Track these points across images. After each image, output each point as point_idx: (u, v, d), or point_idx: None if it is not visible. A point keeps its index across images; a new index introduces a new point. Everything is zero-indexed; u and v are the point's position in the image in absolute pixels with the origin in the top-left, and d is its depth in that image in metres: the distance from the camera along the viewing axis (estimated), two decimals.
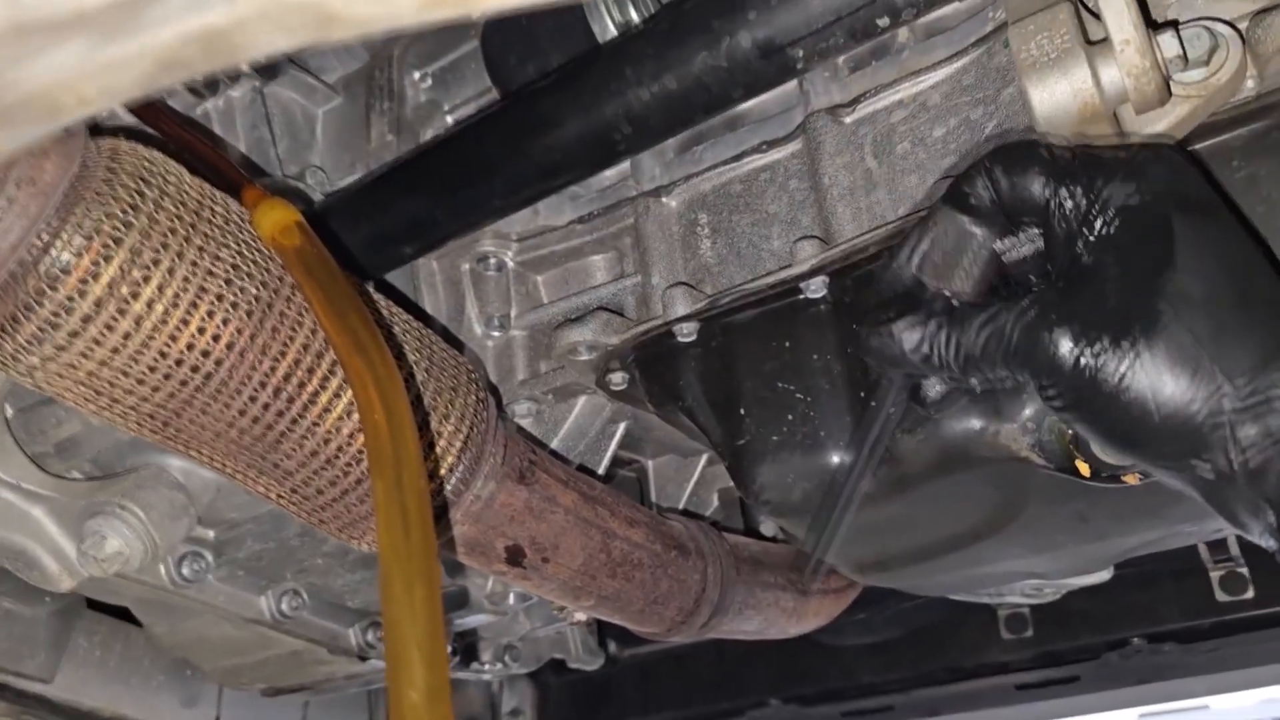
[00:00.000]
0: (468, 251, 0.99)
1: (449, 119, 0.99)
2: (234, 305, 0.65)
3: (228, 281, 0.65)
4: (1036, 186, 0.58)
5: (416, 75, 1.00)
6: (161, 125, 0.74)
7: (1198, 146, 0.68)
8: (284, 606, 1.06)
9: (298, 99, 1.00)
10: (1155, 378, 0.54)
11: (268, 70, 0.97)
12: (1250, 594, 1.33)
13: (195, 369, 0.65)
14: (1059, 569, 1.03)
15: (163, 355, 0.64)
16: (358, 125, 1.02)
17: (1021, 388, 0.63)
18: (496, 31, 0.93)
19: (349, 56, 1.03)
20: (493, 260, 0.99)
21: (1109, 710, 1.56)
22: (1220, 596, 1.33)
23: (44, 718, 1.28)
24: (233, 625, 1.10)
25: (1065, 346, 0.56)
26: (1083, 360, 0.55)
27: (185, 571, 0.97)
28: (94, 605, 1.32)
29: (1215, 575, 1.33)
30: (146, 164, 0.65)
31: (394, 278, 1.00)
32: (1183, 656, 1.33)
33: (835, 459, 0.83)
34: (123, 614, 1.29)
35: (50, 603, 1.19)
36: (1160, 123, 0.61)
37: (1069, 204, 0.57)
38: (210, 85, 0.93)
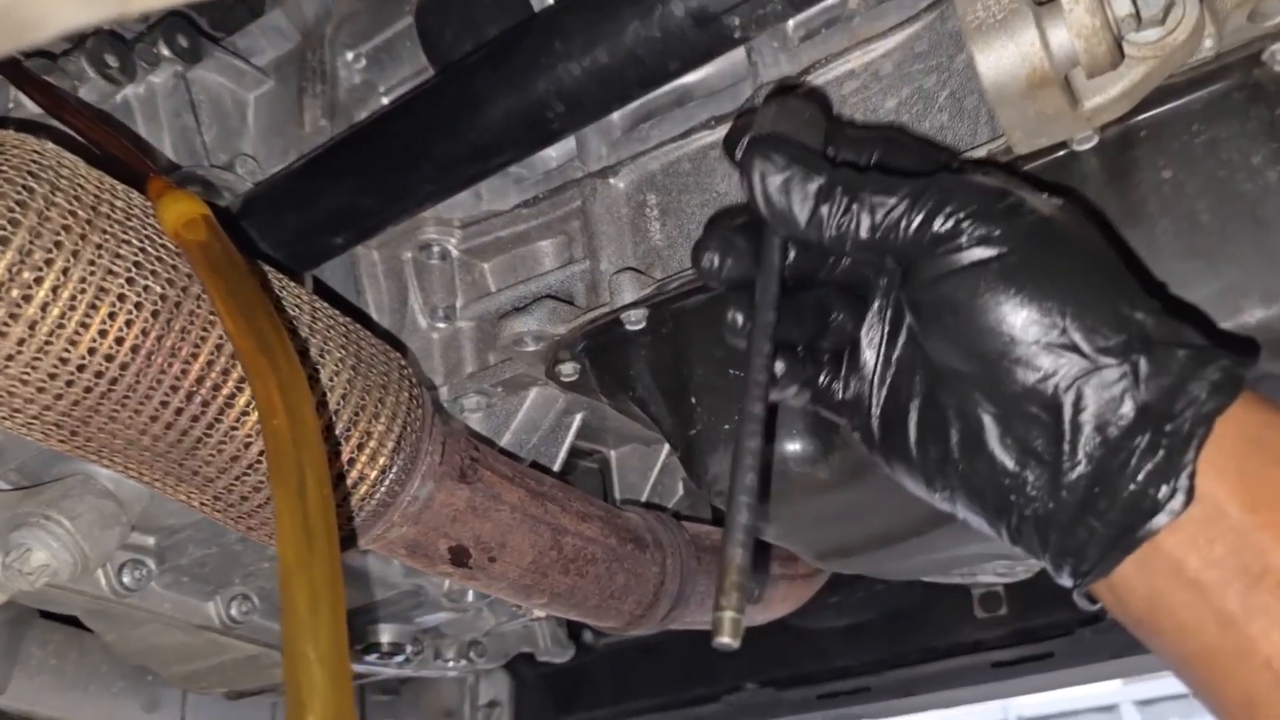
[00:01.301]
0: (409, 240, 0.95)
1: (385, 100, 0.94)
2: (138, 305, 0.61)
3: (130, 280, 0.61)
4: None
5: (350, 56, 0.95)
6: (63, 114, 0.70)
7: (1155, 112, 0.64)
8: (233, 612, 1.02)
9: (226, 84, 0.96)
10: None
11: (190, 54, 0.92)
12: None
13: (99, 374, 0.61)
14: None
15: (62, 361, 0.60)
16: (290, 110, 0.97)
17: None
18: (431, 6, 0.89)
19: (280, 38, 0.98)
20: (436, 248, 0.95)
21: (1085, 684, 1.55)
22: None
23: None
24: (184, 631, 1.07)
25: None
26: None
27: (126, 580, 0.94)
28: (47, 614, 1.28)
29: None
30: (36, 156, 0.61)
31: (334, 270, 0.96)
32: None
33: (787, 446, 0.80)
34: (78, 621, 1.25)
35: None
36: (1114, 87, 0.57)
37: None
38: (127, 70, 0.88)
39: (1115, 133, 0.65)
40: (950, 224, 0.53)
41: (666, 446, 1.19)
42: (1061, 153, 0.67)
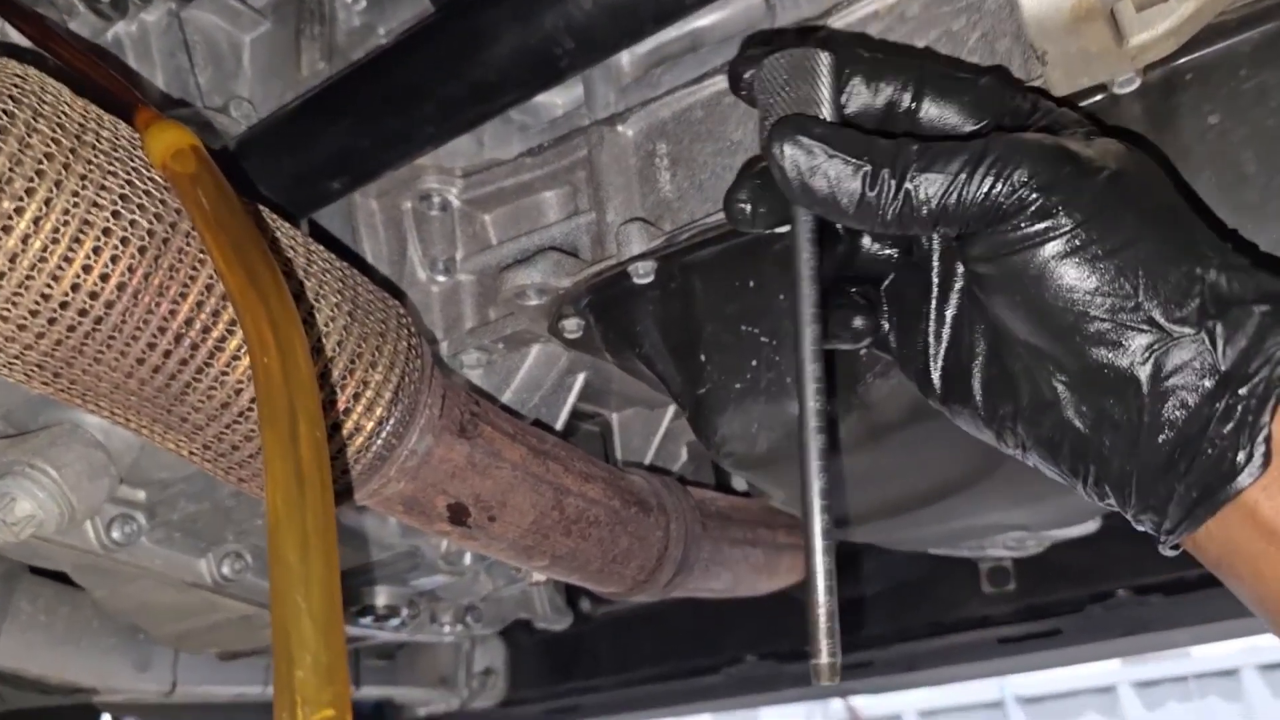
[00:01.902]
0: (409, 189, 0.92)
1: (384, 43, 0.91)
2: (124, 240, 0.58)
3: (115, 214, 0.58)
4: None
5: None
6: (49, 42, 0.67)
7: (1202, 53, 0.61)
8: (225, 570, 1.00)
9: (221, 24, 0.92)
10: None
11: None
12: None
13: (83, 312, 0.58)
14: (1042, 520, 0.98)
15: (44, 298, 0.57)
16: (287, 53, 0.93)
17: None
18: None
19: None
20: (436, 199, 0.92)
21: (1093, 661, 1.53)
22: None
23: None
24: (176, 589, 1.04)
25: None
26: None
27: (115, 535, 0.91)
28: (37, 570, 1.26)
29: None
30: (17, 81, 0.57)
31: (331, 220, 0.93)
32: (1168, 608, 1.28)
33: None
34: (69, 578, 1.23)
35: None
36: (1162, 22, 0.54)
37: None
38: (118, 6, 0.85)
39: (1159, 75, 0.62)
40: (1014, 196, 0.50)
41: (671, 410, 1.16)
42: (1100, 97, 0.63)
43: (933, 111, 0.57)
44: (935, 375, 0.59)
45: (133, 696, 1.33)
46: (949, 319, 0.58)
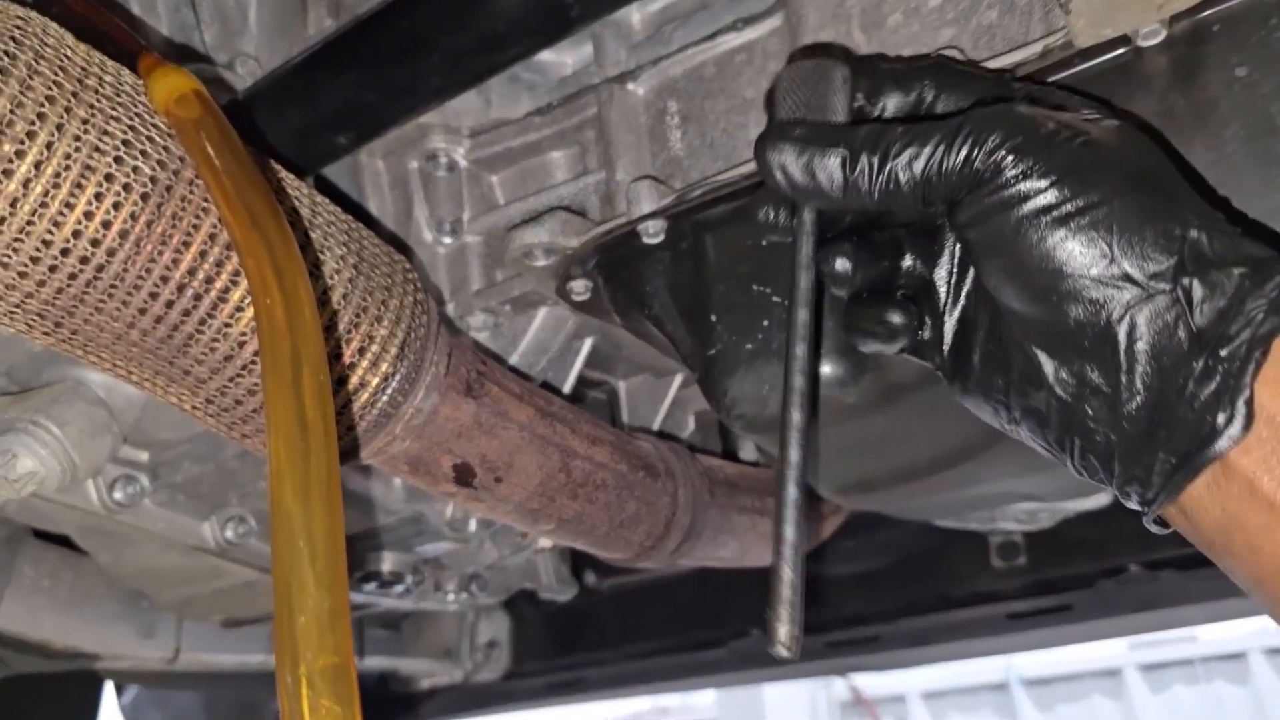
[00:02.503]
0: (416, 149, 0.91)
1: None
2: (126, 187, 0.57)
3: (118, 160, 0.57)
4: None
5: None
6: None
7: (1230, 4, 0.59)
8: (229, 533, 0.99)
9: None
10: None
11: None
12: None
13: (84, 260, 0.57)
14: (1055, 490, 0.97)
15: (45, 244, 0.56)
16: (294, 10, 0.92)
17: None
18: None
19: None
20: (443, 159, 0.91)
21: (1104, 639, 1.51)
22: None
23: None
24: (180, 554, 1.04)
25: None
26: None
27: (118, 495, 0.90)
28: (42, 535, 1.25)
29: None
30: (19, 23, 0.56)
31: (337, 180, 0.92)
32: (1181, 583, 1.27)
33: (820, 369, 0.76)
34: (73, 544, 1.23)
35: None
36: None
37: None
38: None
39: (1184, 27, 0.60)
40: (989, 161, 0.52)
41: (678, 378, 1.15)
42: (1124, 49, 0.62)
43: (951, 108, 0.60)
44: (946, 354, 0.61)
45: (136, 663, 1.33)
46: (963, 295, 0.60)
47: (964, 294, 0.60)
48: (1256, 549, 0.49)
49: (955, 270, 0.60)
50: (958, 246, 0.60)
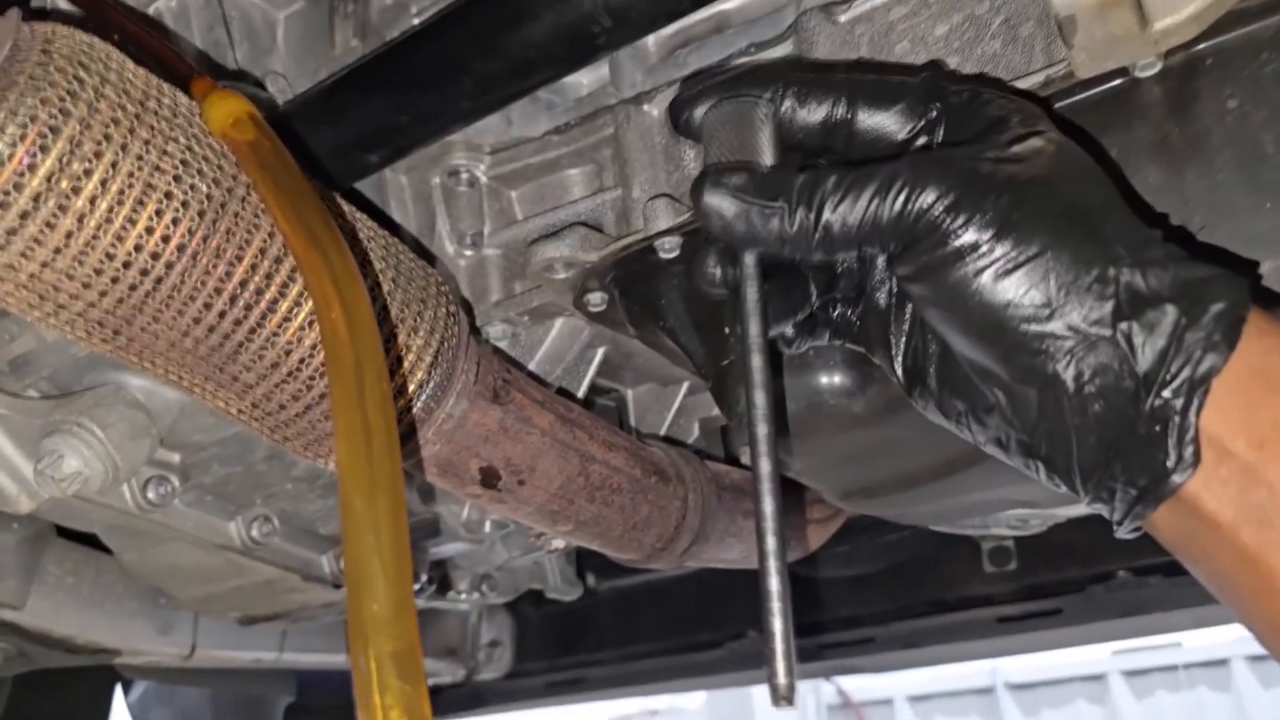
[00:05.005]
0: (438, 165, 0.94)
1: (416, 21, 0.93)
2: (184, 204, 0.60)
3: (177, 178, 0.60)
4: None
5: None
6: (105, 14, 0.69)
7: (1223, 38, 0.63)
8: (254, 533, 1.03)
9: (255, 1, 0.94)
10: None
11: None
12: None
13: (144, 272, 0.60)
14: (1050, 497, 1.01)
15: (109, 257, 0.60)
16: (321, 30, 0.96)
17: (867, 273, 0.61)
18: None
19: None
20: (464, 175, 0.94)
21: (1093, 643, 1.56)
22: None
23: (16, 644, 1.26)
24: (204, 552, 1.07)
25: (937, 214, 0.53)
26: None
27: (151, 495, 0.94)
28: (64, 534, 1.29)
29: None
30: (85, 50, 0.60)
31: (362, 191, 0.96)
32: (1168, 589, 1.31)
33: (823, 378, 0.80)
34: (94, 543, 1.26)
35: (18, 529, 1.16)
36: (1187, 7, 0.56)
37: None
38: None
39: (1180, 60, 0.64)
40: (924, 219, 0.53)
41: (684, 387, 1.19)
42: (1121, 80, 0.66)
43: (868, 122, 0.60)
44: (899, 372, 0.62)
45: (154, 659, 1.36)
46: (905, 327, 0.61)
47: (908, 324, 0.60)
48: (1211, 560, 0.52)
49: (895, 302, 0.61)
50: (894, 285, 0.61)
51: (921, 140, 0.59)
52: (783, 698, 0.54)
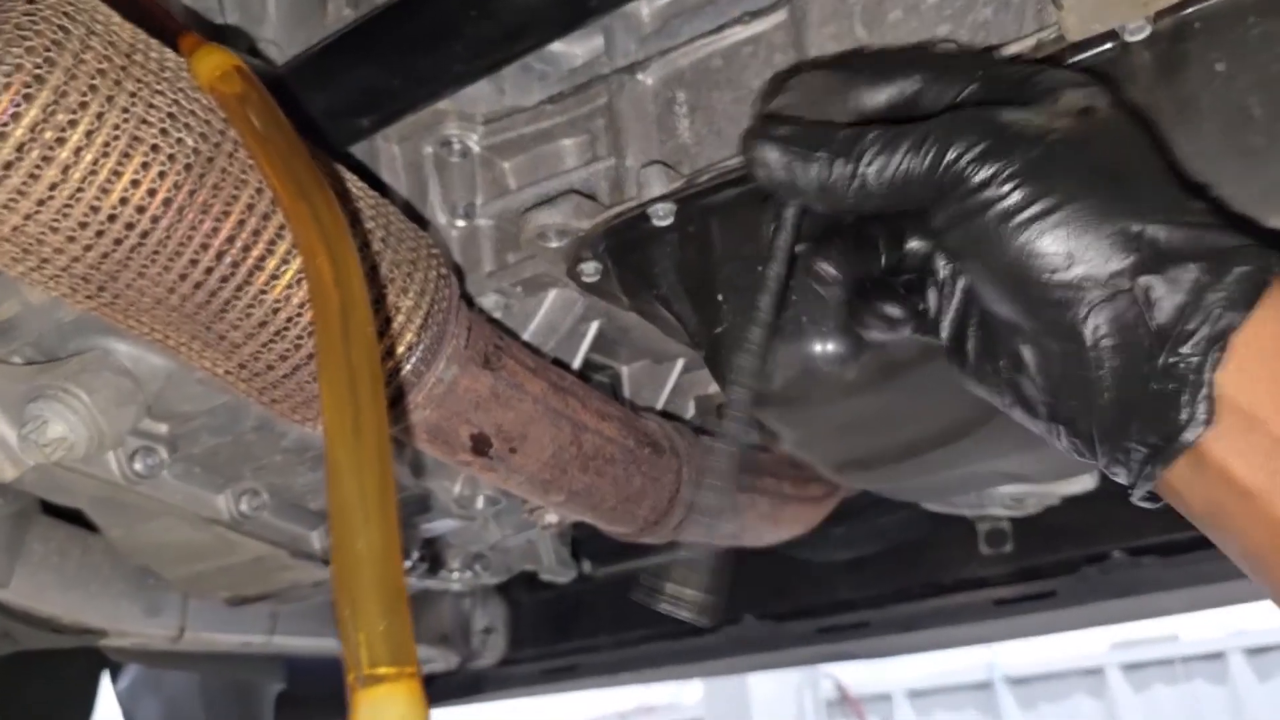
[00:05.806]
0: (430, 135, 0.94)
1: None
2: (171, 158, 0.60)
3: (164, 132, 0.60)
4: None
5: None
6: None
7: (1211, 2, 0.63)
8: (243, 506, 1.02)
9: None
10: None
11: None
12: None
13: (130, 226, 0.60)
14: (1044, 470, 1.01)
15: (94, 210, 0.59)
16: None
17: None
18: None
19: None
20: (457, 145, 0.94)
21: (1087, 627, 1.55)
22: None
23: (1, 624, 1.25)
24: (192, 528, 1.06)
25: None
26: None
27: (138, 467, 0.93)
28: (50, 513, 1.28)
29: None
30: (71, 1, 0.59)
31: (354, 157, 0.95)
32: (1162, 570, 1.31)
33: (817, 346, 0.79)
34: (81, 522, 1.25)
35: (2, 505, 1.15)
36: None
37: None
38: None
39: (1168, 24, 0.64)
40: (953, 169, 0.54)
41: (679, 363, 1.18)
42: (1111, 45, 0.66)
43: (938, 99, 0.61)
44: (945, 339, 0.63)
45: (141, 641, 1.36)
46: (958, 290, 0.61)
47: (959, 285, 0.61)
48: (1240, 530, 0.51)
49: (950, 274, 0.62)
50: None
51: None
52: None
